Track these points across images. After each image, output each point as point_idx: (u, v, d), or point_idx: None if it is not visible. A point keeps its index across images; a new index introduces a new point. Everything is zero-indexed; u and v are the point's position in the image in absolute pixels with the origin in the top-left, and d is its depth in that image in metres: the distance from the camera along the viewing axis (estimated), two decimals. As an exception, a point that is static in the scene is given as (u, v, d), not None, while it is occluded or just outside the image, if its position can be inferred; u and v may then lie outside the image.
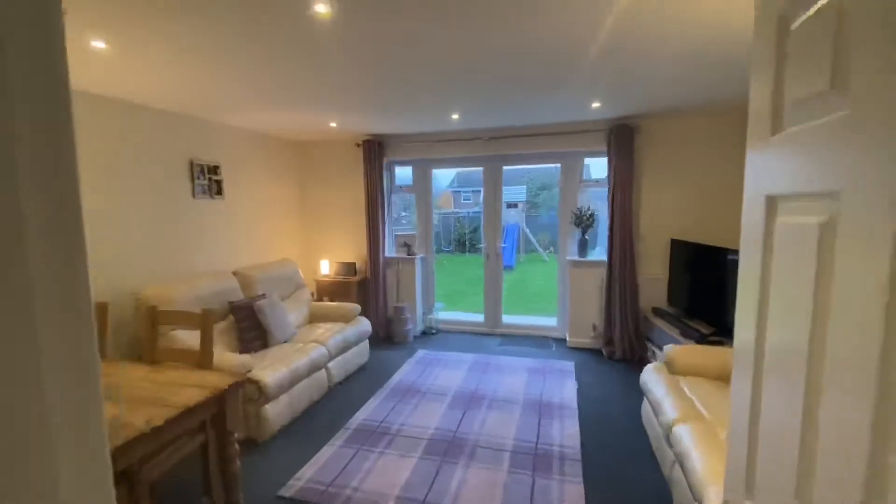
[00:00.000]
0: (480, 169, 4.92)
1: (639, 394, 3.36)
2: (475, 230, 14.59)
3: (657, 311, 4.04)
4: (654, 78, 2.85)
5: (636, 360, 4.15)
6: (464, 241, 14.41)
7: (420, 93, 3.10)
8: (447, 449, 2.69)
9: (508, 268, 11.24)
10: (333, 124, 4.14)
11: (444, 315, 5.45)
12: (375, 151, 4.71)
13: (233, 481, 2.02)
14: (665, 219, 4.23)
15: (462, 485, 2.35)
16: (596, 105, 3.59)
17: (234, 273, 3.73)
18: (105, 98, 3.00)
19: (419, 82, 2.84)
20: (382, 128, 4.44)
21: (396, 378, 3.81)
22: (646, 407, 2.85)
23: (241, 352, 3.29)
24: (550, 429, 2.92)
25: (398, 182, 5.22)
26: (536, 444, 2.74)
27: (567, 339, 4.64)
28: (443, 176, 18.49)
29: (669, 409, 2.35)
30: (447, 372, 3.93)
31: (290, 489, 2.32)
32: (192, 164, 3.72)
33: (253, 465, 2.57)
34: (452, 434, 2.86)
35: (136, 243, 3.24)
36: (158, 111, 3.38)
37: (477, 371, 3.94)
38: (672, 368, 2.77)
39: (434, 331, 5.16)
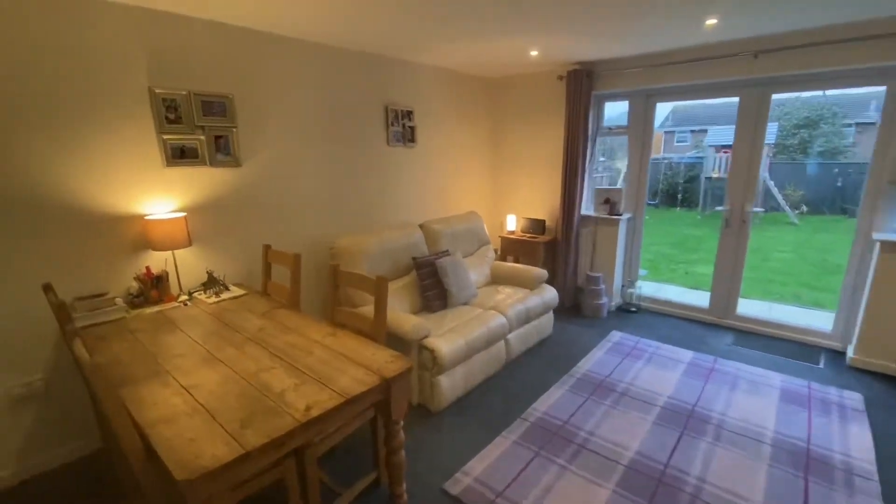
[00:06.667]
0: (711, 103, 3.52)
1: None
2: (691, 180, 12.00)
3: None
4: None
5: None
6: (675, 193, 12.03)
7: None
8: (654, 491, 2.00)
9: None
10: (534, 52, 3.41)
11: (649, 290, 4.44)
12: (582, 84, 3.82)
13: (396, 472, 1.82)
14: None
15: (677, 559, 1.67)
16: None
17: (421, 226, 3.57)
18: (305, 42, 2.97)
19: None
20: (595, 52, 3.49)
21: (585, 365, 3.18)
22: None
23: (421, 309, 3.17)
24: (828, 505, 1.91)
25: (606, 123, 4.24)
26: (804, 526, 1.81)
27: (849, 354, 3.16)
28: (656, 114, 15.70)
29: None
30: (653, 370, 3.09)
31: (457, 485, 2.04)
32: (387, 109, 3.59)
33: (422, 438, 2.40)
34: (661, 469, 2.14)
35: (333, 192, 3.31)
36: (355, 53, 3.26)
37: (697, 377, 2.99)
38: None
39: (634, 308, 4.25)
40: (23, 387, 2.08)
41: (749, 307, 3.97)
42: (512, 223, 4.52)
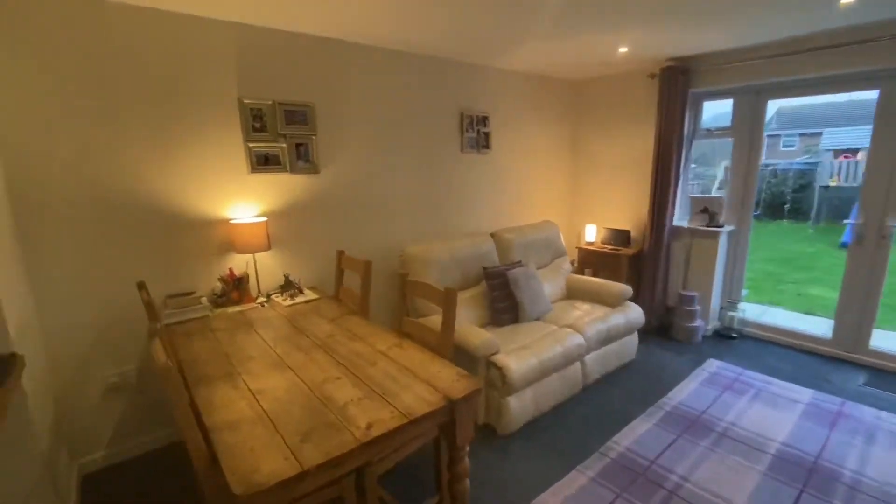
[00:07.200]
0: (825, 103, 3.20)
1: None
2: (801, 188, 10.56)
3: None
4: None
5: None
6: (780, 204, 10.64)
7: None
8: (768, 561, 1.66)
9: (847, 246, 7.57)
10: (624, 49, 3.13)
11: (752, 313, 3.86)
12: (677, 82, 3.44)
13: (460, 499, 1.68)
14: None
15: None
16: None
17: (492, 235, 3.43)
18: (383, 50, 2.97)
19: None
20: (694, 45, 3.12)
21: (676, 396, 2.81)
22: None
23: (489, 322, 3.01)
24: None
25: (704, 124, 3.79)
26: None
27: None
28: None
29: None
30: (761, 409, 2.64)
31: (526, 522, 1.86)
32: (462, 115, 3.51)
33: (488, 462, 2.24)
34: (777, 534, 1.77)
35: (405, 199, 3.28)
36: (431, 59, 3.22)
37: (819, 422, 2.50)
38: None
39: (734, 334, 3.72)
40: (117, 376, 2.26)
41: (887, 340, 3.29)
42: (591, 233, 4.21)
